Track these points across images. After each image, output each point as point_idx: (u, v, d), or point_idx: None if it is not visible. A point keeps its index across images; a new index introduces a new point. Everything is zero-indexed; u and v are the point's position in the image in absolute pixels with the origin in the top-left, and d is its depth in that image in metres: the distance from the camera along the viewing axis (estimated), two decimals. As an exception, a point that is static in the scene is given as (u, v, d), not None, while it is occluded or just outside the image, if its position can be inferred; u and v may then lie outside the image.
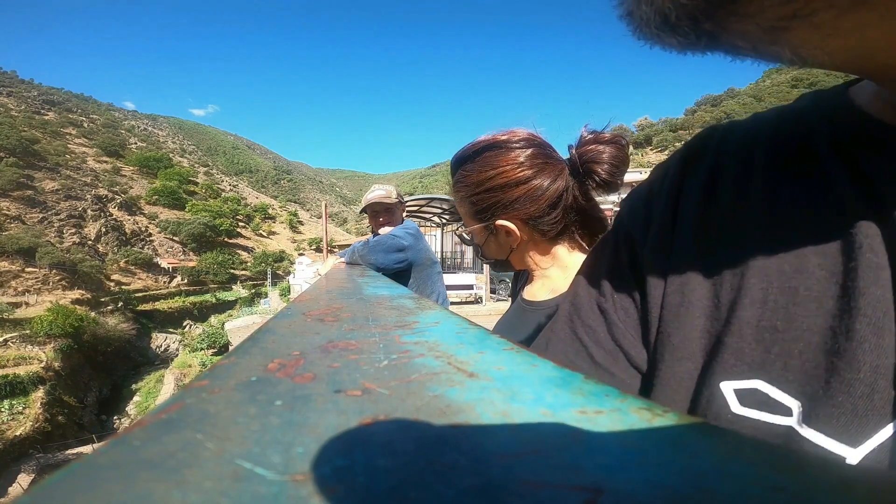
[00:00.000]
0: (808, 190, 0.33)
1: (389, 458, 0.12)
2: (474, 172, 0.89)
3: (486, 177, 0.87)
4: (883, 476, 0.11)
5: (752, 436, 0.12)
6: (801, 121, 0.37)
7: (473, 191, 0.90)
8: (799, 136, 0.36)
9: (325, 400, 0.16)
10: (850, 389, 0.28)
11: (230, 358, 0.20)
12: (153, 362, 40.59)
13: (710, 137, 0.43)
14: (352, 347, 0.23)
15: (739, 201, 0.37)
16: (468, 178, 0.90)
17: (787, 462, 0.11)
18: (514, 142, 0.86)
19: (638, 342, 0.42)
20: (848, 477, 0.10)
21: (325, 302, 0.44)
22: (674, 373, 0.37)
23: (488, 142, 0.88)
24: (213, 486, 0.10)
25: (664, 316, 0.39)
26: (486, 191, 0.88)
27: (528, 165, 0.85)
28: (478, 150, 0.89)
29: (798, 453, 0.11)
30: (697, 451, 0.12)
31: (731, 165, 0.39)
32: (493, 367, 0.19)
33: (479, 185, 0.89)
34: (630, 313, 0.43)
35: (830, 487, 0.10)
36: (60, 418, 27.15)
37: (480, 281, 15.04)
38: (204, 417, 0.14)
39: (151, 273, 58.34)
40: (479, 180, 0.89)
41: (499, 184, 0.86)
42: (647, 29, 0.24)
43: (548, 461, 0.11)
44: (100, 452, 0.12)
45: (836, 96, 0.36)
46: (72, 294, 42.13)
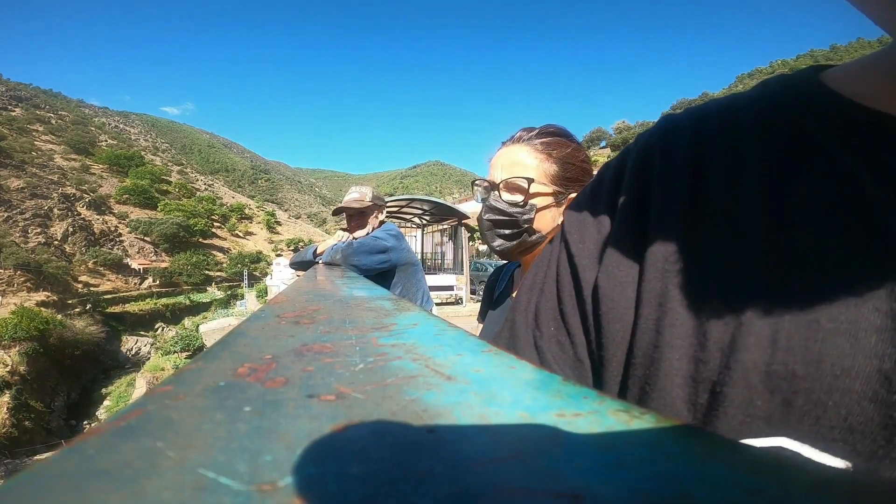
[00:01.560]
0: (823, 194, 0.27)
1: (363, 465, 0.11)
2: (575, 148, 0.94)
3: (586, 157, 0.94)
4: (861, 478, 0.11)
5: (729, 438, 0.12)
6: (786, 117, 0.31)
7: (572, 159, 0.92)
8: (790, 132, 0.30)
9: (297, 405, 0.15)
10: None
11: (197, 362, 0.19)
12: (124, 366, 39.41)
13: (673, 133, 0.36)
14: (327, 350, 0.22)
15: (733, 209, 0.29)
16: (570, 149, 0.93)
17: (766, 465, 0.11)
18: None
19: None
20: (826, 479, 0.10)
21: (300, 304, 0.43)
22: None
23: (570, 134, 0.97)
24: (173, 496, 0.10)
25: (633, 359, 0.31)
26: (583, 168, 0.93)
27: None
28: (571, 135, 0.96)
29: (776, 456, 0.11)
30: (676, 454, 0.12)
31: (717, 172, 0.32)
32: (472, 369, 0.19)
33: (581, 160, 0.93)
34: (566, 349, 0.36)
35: (808, 490, 0.10)
36: (27, 423, 26.15)
37: (461, 282, 15.07)
38: (166, 424, 0.13)
39: (121, 274, 56.66)
40: (583, 157, 0.94)
41: (591, 170, 0.92)
42: None
43: (526, 466, 0.11)
44: (50, 462, 0.11)
45: (812, 86, 0.31)
46: (37, 296, 40.57)
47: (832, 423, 0.23)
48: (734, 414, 0.26)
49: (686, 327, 0.28)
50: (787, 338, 0.25)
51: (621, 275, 0.33)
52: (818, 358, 0.24)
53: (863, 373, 0.22)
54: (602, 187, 0.39)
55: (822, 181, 0.27)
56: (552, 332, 0.37)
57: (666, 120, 0.38)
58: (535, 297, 0.41)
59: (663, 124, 0.38)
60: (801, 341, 0.24)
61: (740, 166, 0.31)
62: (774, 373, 0.25)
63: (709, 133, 0.34)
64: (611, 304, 0.33)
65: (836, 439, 0.23)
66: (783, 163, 0.29)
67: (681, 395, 0.28)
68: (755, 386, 0.25)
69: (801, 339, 0.24)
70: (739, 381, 0.26)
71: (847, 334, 0.23)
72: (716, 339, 0.27)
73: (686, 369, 0.28)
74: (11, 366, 28.43)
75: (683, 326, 0.28)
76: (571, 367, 0.36)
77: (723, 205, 0.30)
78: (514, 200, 0.92)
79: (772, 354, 0.25)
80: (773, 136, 0.30)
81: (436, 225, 17.44)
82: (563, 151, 0.92)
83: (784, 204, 0.28)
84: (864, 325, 0.23)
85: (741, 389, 0.25)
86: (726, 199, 0.30)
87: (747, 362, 0.25)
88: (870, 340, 0.23)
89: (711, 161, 0.32)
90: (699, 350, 0.27)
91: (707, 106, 0.36)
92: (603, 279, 0.34)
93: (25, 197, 56.24)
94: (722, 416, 0.26)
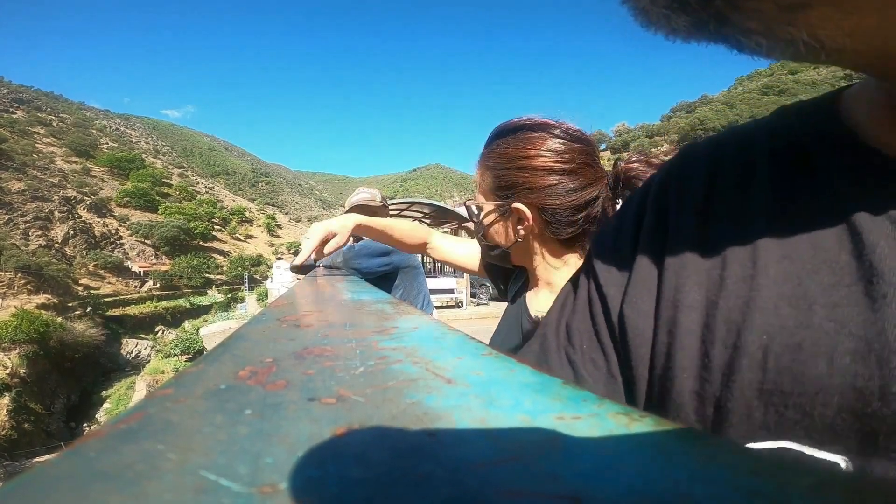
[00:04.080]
0: (822, 225, 0.29)
1: (363, 468, 0.11)
2: (511, 147, 0.84)
3: (523, 154, 0.82)
4: (861, 480, 0.11)
5: (729, 440, 0.12)
6: (798, 150, 0.33)
7: (504, 164, 0.84)
8: (800, 167, 0.32)
9: (298, 408, 0.15)
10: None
11: (198, 365, 0.19)
12: (124, 368, 39.36)
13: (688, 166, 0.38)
14: (327, 353, 0.22)
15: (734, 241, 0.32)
16: (502, 151, 0.85)
17: (766, 467, 0.11)
18: (564, 131, 0.83)
19: None
20: (826, 481, 0.10)
21: (301, 307, 0.43)
22: None
23: (537, 122, 0.84)
24: (174, 498, 0.10)
25: (653, 378, 0.35)
26: (517, 168, 0.83)
27: (569, 160, 0.81)
28: (522, 127, 0.85)
29: (776, 458, 0.11)
30: (675, 457, 0.12)
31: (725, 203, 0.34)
32: (472, 372, 0.19)
33: (511, 161, 0.84)
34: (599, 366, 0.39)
35: (808, 491, 0.10)
36: (27, 426, 26.11)
37: (461, 285, 15.07)
38: (167, 427, 0.13)
39: (122, 277, 56.69)
40: (514, 156, 0.83)
41: (533, 165, 0.81)
42: (653, 9, 0.22)
43: (525, 469, 0.11)
44: (51, 464, 0.11)
45: (826, 118, 0.32)
46: (37, 298, 40.58)
47: (820, 430, 0.27)
48: (738, 424, 0.29)
49: (692, 350, 0.32)
50: (776, 360, 0.28)
51: (643, 304, 0.36)
52: (801, 378, 0.27)
53: (841, 390, 0.26)
54: (625, 218, 0.42)
55: (825, 218, 0.29)
56: (585, 349, 0.41)
57: (684, 150, 0.41)
58: (566, 316, 0.44)
59: (681, 155, 0.41)
60: (787, 363, 0.28)
61: (747, 199, 0.33)
62: (767, 391, 0.28)
63: (723, 162, 0.36)
64: (636, 332, 0.36)
65: (826, 442, 0.27)
66: (790, 197, 0.31)
67: (691, 410, 0.32)
68: (752, 401, 0.29)
69: (786, 361, 0.28)
70: (739, 397, 0.29)
71: (825, 356, 0.27)
72: (717, 363, 0.31)
73: (693, 387, 0.32)
74: (11, 368, 28.42)
75: (690, 350, 0.32)
76: (605, 383, 0.39)
77: (725, 237, 0.33)
78: (472, 226, 0.93)
79: (763, 375, 0.29)
80: (783, 173, 0.33)
81: (436, 228, 17.47)
82: (496, 158, 0.86)
83: (784, 239, 0.30)
84: (839, 350, 0.26)
85: (741, 404, 0.29)
86: (729, 231, 0.33)
87: (743, 382, 0.29)
88: (844, 361, 0.26)
89: (722, 190, 0.35)
90: (704, 371, 0.31)
91: (724, 134, 0.39)
92: (628, 308, 0.37)
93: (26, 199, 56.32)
94: (727, 427, 0.30)
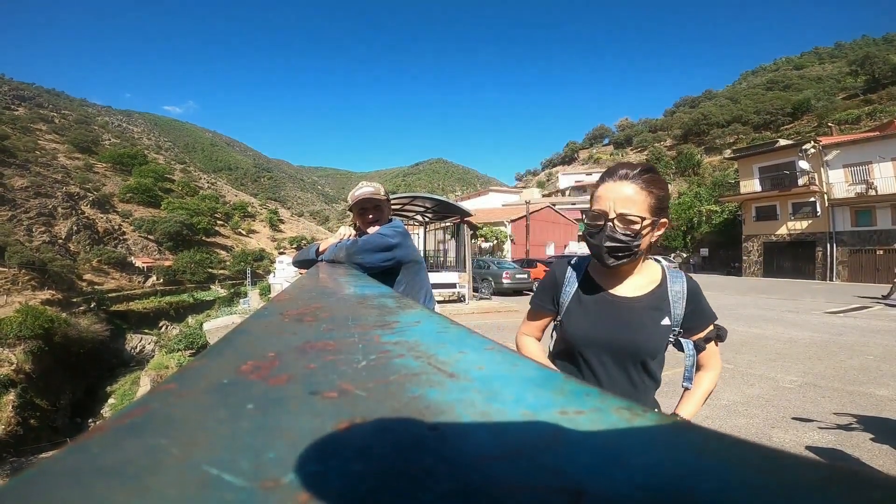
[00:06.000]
0: None
1: (365, 462, 0.11)
2: (663, 182, 1.28)
3: (667, 189, 1.30)
4: (860, 475, 0.11)
5: (731, 435, 0.12)
6: None
7: (665, 191, 1.27)
8: None
9: (300, 402, 0.15)
10: None
11: (201, 360, 0.19)
12: (128, 364, 39.53)
13: None
14: (330, 348, 0.22)
15: None
16: (662, 183, 1.27)
17: (766, 461, 0.11)
18: None
19: None
20: (826, 476, 0.10)
21: (304, 301, 0.43)
22: None
23: None
24: (177, 493, 0.10)
25: None
26: (668, 197, 1.29)
27: None
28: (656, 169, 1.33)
29: (777, 452, 0.11)
30: (677, 451, 0.12)
31: None
32: (474, 367, 0.19)
33: (666, 191, 1.28)
34: None
35: (809, 486, 0.10)
36: (33, 421, 26.28)
37: (463, 280, 15.05)
38: (170, 422, 0.13)
39: (125, 272, 56.83)
40: (667, 188, 1.29)
41: (669, 197, 1.30)
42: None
43: (528, 463, 0.11)
44: (55, 459, 0.11)
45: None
46: (42, 294, 40.75)
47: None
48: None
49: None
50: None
51: None
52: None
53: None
54: None
55: None
56: None
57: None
58: None
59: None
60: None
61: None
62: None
63: None
64: None
65: None
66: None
67: None
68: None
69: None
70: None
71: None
72: None
73: None
74: (17, 364, 28.59)
75: None
76: None
77: None
78: (628, 232, 1.24)
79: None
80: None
81: (438, 223, 17.41)
82: (658, 187, 1.25)
83: None
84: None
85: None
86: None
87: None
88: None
89: None
90: None
91: None
92: None
93: (29, 196, 56.42)
94: None
